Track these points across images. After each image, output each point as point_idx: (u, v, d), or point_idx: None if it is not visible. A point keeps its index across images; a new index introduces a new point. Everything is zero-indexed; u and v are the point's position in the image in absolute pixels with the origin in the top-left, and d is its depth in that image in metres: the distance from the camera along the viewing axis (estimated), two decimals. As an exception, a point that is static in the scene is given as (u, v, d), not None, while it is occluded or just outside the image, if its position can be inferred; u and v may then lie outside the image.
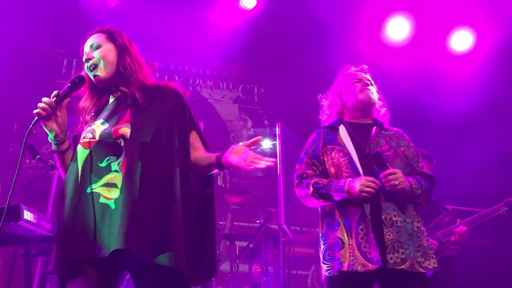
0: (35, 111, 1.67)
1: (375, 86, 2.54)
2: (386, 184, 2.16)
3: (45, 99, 1.68)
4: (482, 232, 3.93)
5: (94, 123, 1.77)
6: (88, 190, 1.61)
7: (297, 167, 2.47)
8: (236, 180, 6.06)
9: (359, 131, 2.43)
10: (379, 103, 2.56)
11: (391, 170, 2.18)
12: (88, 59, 1.82)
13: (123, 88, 1.82)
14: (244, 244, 4.89)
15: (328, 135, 2.44)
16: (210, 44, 5.50)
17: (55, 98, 1.71)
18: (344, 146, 2.35)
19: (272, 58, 6.19)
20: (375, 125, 2.45)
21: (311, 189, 2.32)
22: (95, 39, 1.86)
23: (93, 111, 1.85)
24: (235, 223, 5.74)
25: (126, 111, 1.74)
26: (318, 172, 2.40)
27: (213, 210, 1.80)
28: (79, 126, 1.88)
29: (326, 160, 2.39)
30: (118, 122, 1.71)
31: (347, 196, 2.20)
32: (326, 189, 2.27)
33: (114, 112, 1.77)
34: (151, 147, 1.65)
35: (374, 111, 2.54)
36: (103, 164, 1.64)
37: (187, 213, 1.62)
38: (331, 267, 2.23)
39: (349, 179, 2.23)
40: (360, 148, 2.34)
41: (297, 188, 2.41)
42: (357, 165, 2.28)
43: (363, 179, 2.19)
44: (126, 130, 1.67)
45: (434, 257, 2.23)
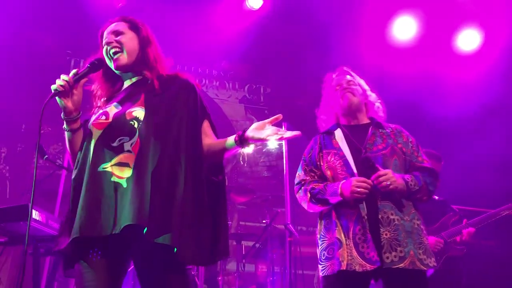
0: (53, 86, 1.68)
1: (357, 86, 2.55)
2: (378, 186, 2.18)
3: (63, 76, 1.70)
4: (487, 232, 3.92)
5: (108, 105, 1.78)
6: (100, 169, 1.63)
7: (297, 174, 2.53)
8: (243, 180, 6.06)
9: (356, 132, 2.45)
10: (372, 98, 2.57)
11: (381, 172, 2.20)
12: (109, 43, 1.82)
13: (146, 72, 1.84)
14: (251, 244, 4.89)
15: (324, 140, 2.50)
16: (216, 44, 5.51)
17: (73, 76, 1.72)
18: (340, 149, 2.39)
19: (278, 58, 6.19)
20: (371, 125, 2.47)
21: (309, 195, 2.38)
22: (117, 26, 1.87)
23: (106, 97, 1.86)
24: (241, 223, 5.75)
25: (140, 95, 1.76)
26: (316, 177, 2.45)
27: (225, 195, 1.81)
28: (91, 111, 1.88)
29: (322, 164, 2.43)
30: (132, 105, 1.73)
31: (342, 199, 2.24)
32: (322, 194, 2.32)
33: (129, 96, 1.78)
34: (164, 130, 1.67)
35: (368, 109, 2.56)
36: (115, 144, 1.65)
37: (198, 196, 1.64)
38: (326, 267, 2.28)
39: (342, 182, 2.27)
40: (356, 149, 2.37)
41: (298, 195, 2.47)
42: (352, 166, 2.31)
43: (354, 180, 2.22)
44: (140, 113, 1.69)
45: (433, 256, 2.23)
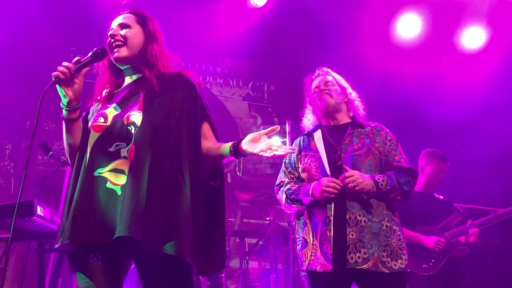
0: (54, 73, 1.65)
1: (336, 86, 2.55)
2: (345, 187, 2.20)
3: (65, 63, 1.67)
4: (492, 231, 3.90)
5: (107, 106, 1.76)
6: (96, 174, 1.61)
7: (278, 176, 2.57)
8: (246, 177, 6.07)
9: (335, 133, 2.47)
10: (352, 97, 2.57)
11: (348, 173, 2.21)
12: (114, 35, 1.81)
13: (144, 70, 1.81)
14: (254, 241, 4.90)
15: (303, 142, 2.54)
16: (220, 41, 5.50)
17: (75, 64, 1.69)
18: (317, 151, 2.42)
19: (282, 55, 6.18)
20: (350, 124, 2.48)
21: (284, 196, 2.41)
22: (125, 19, 1.85)
23: (107, 90, 1.84)
24: (245, 220, 5.76)
25: (139, 97, 1.73)
26: (294, 179, 2.49)
27: (223, 201, 1.80)
28: (91, 102, 1.87)
29: (300, 166, 2.46)
30: (131, 108, 1.71)
31: (313, 199, 2.26)
32: (296, 194, 2.36)
33: (128, 97, 1.76)
34: (162, 136, 1.65)
35: (349, 107, 2.56)
36: (112, 149, 1.63)
37: (196, 203, 1.61)
38: (299, 264, 2.32)
39: (314, 183, 2.29)
40: (332, 150, 2.38)
41: (278, 196, 2.50)
42: (326, 168, 2.33)
43: (323, 180, 2.24)
44: (137, 117, 1.67)
45: (403, 257, 2.20)
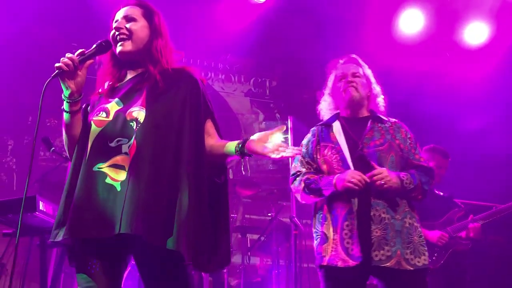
0: (57, 64, 1.62)
1: (362, 78, 2.49)
2: (373, 185, 2.17)
3: (69, 55, 1.64)
4: (494, 227, 3.90)
5: (109, 101, 1.74)
6: (95, 169, 1.60)
7: (293, 166, 2.52)
8: (248, 173, 6.06)
9: (354, 126, 2.42)
10: (375, 92, 2.52)
11: (377, 170, 2.19)
12: (119, 28, 1.77)
13: (149, 66, 1.78)
14: (256, 237, 4.90)
15: (322, 132, 2.47)
16: (222, 37, 5.49)
17: (79, 56, 1.67)
18: (337, 143, 2.37)
19: (283, 51, 6.17)
20: (371, 118, 2.44)
21: (303, 184, 2.37)
22: (130, 11, 1.82)
23: (109, 83, 1.82)
24: (246, 216, 5.76)
25: (142, 92, 1.71)
26: (312, 170, 2.44)
27: (227, 198, 1.79)
28: (93, 94, 1.85)
29: (318, 157, 2.42)
30: (133, 104, 1.69)
31: (335, 190, 2.23)
32: (316, 184, 2.31)
33: (131, 92, 1.74)
34: (164, 133, 1.63)
35: (370, 102, 2.51)
36: (112, 144, 1.62)
37: (198, 200, 1.60)
38: (317, 259, 2.30)
39: (338, 174, 2.26)
40: (353, 144, 2.34)
41: (292, 185, 2.46)
42: (349, 162, 2.29)
43: (350, 171, 2.22)
44: (140, 114, 1.65)
45: (426, 253, 2.21)
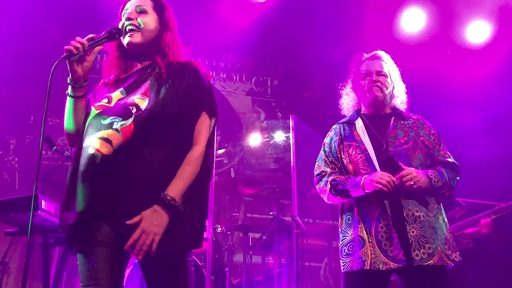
0: (66, 47, 1.61)
1: (387, 77, 2.43)
2: (402, 186, 2.14)
3: (79, 39, 1.64)
4: (497, 226, 3.88)
5: (114, 90, 1.74)
6: (85, 144, 1.62)
7: (316, 165, 2.47)
8: (250, 172, 6.07)
9: (377, 123, 2.38)
10: (399, 89, 2.47)
11: (405, 171, 2.15)
12: (130, 19, 1.77)
13: (156, 58, 1.78)
14: (258, 235, 4.90)
15: (345, 131, 2.42)
16: (224, 36, 5.49)
17: (89, 41, 1.66)
18: (361, 142, 2.33)
19: (285, 50, 6.17)
20: (393, 115, 2.40)
21: (329, 186, 2.32)
22: (142, 2, 1.82)
23: (115, 73, 1.81)
24: (248, 214, 5.77)
25: (146, 82, 1.71)
26: (337, 169, 2.39)
27: (207, 194, 1.76)
28: (98, 85, 1.85)
29: (343, 157, 2.37)
30: (135, 93, 1.69)
31: (362, 191, 2.19)
32: (343, 185, 2.27)
33: (136, 83, 1.74)
34: (162, 125, 1.64)
35: (392, 99, 2.46)
36: (105, 122, 1.62)
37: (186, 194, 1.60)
38: (346, 263, 2.23)
39: (366, 175, 2.22)
40: (378, 143, 2.31)
41: (318, 186, 2.41)
42: (374, 162, 2.26)
43: (378, 173, 2.18)
44: (141, 101, 1.65)
45: (457, 250, 2.21)
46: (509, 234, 4.44)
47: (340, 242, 2.31)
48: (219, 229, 4.63)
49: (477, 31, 5.19)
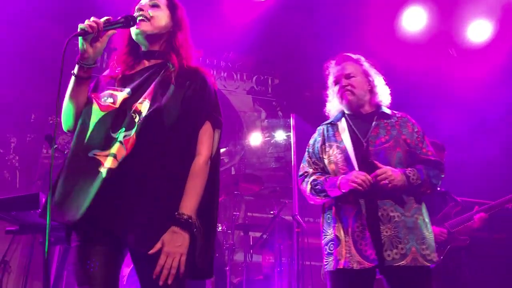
0: (81, 25, 1.60)
1: (358, 77, 2.44)
2: (377, 184, 2.16)
3: (95, 19, 1.63)
4: (498, 225, 3.88)
5: (119, 89, 1.72)
6: (91, 154, 1.60)
7: (301, 166, 2.51)
8: (250, 171, 6.07)
9: (360, 123, 2.40)
10: (377, 82, 2.46)
11: (380, 170, 2.17)
12: (141, 9, 1.78)
13: (172, 56, 1.77)
14: (258, 234, 4.91)
15: (328, 132, 2.46)
16: (224, 35, 5.49)
17: (104, 23, 1.65)
18: (342, 143, 2.35)
19: (286, 48, 6.16)
20: (376, 114, 2.40)
21: (309, 186, 2.37)
22: None
23: (122, 69, 1.80)
24: (249, 213, 5.77)
25: (151, 85, 1.70)
26: (319, 170, 2.43)
27: (216, 211, 1.74)
28: (103, 75, 1.84)
29: (325, 157, 2.41)
30: (141, 95, 1.68)
31: (339, 191, 2.22)
32: (321, 185, 2.31)
33: (142, 83, 1.72)
34: (165, 131, 1.62)
35: (372, 96, 2.45)
36: (114, 135, 1.61)
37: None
38: (328, 262, 2.27)
39: (342, 175, 2.25)
40: (358, 143, 2.32)
41: (301, 186, 2.46)
42: (353, 162, 2.27)
43: (354, 172, 2.21)
44: (144, 107, 1.64)
45: (434, 250, 2.20)
46: (509, 233, 4.44)
47: (323, 241, 2.34)
48: (220, 228, 4.64)
49: (479, 30, 5.18)
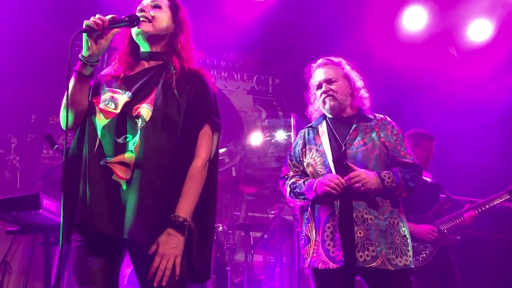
0: (86, 21, 1.60)
1: (338, 82, 2.45)
2: (351, 187, 2.17)
3: (100, 16, 1.63)
4: (497, 225, 3.89)
5: (121, 92, 1.72)
6: (102, 163, 1.61)
7: (283, 169, 2.54)
8: (251, 171, 6.07)
9: (340, 127, 2.42)
10: (358, 86, 2.48)
11: (353, 173, 2.18)
12: (142, 10, 1.79)
13: (173, 57, 1.77)
14: (259, 234, 4.91)
15: (309, 135, 2.48)
16: (225, 35, 5.48)
17: (109, 21, 1.65)
18: (321, 146, 2.37)
19: (286, 48, 6.16)
20: (356, 117, 2.42)
21: (288, 189, 2.39)
22: None
23: (122, 69, 1.80)
24: (249, 213, 5.77)
25: (153, 89, 1.70)
26: (299, 172, 2.45)
27: (214, 215, 1.75)
28: (102, 74, 1.84)
29: (304, 160, 2.42)
30: (142, 100, 1.68)
31: (315, 194, 2.24)
32: (300, 188, 2.33)
33: (143, 86, 1.72)
34: (165, 134, 1.63)
35: (354, 99, 2.47)
36: (120, 141, 1.62)
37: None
38: (300, 261, 2.34)
39: (319, 178, 2.27)
40: (337, 146, 2.34)
41: (282, 188, 2.48)
42: (330, 164, 2.29)
43: (328, 175, 2.22)
44: (146, 111, 1.65)
45: (408, 253, 2.20)
46: (510, 233, 4.44)
47: (301, 241, 2.36)
48: (221, 228, 4.63)
49: (479, 29, 5.17)
